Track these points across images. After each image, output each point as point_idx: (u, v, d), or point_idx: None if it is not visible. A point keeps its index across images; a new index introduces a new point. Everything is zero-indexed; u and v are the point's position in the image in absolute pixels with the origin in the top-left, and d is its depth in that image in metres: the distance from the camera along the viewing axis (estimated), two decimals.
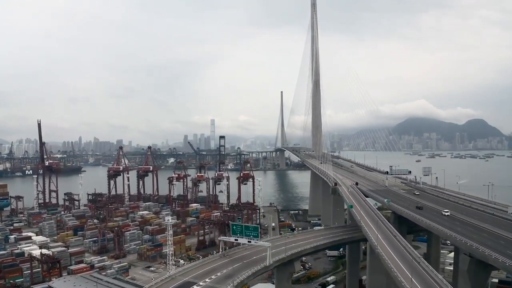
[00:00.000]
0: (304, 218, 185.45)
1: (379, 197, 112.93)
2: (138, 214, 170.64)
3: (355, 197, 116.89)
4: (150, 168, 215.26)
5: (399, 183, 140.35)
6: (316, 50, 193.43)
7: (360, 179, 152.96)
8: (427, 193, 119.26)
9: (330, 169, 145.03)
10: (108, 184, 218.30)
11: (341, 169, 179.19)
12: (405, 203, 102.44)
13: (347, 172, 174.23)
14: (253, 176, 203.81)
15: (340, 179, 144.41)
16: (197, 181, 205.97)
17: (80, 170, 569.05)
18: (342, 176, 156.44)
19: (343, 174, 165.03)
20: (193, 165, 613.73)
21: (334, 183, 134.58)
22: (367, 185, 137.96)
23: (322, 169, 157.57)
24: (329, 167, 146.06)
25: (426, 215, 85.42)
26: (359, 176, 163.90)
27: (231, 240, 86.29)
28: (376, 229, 77.42)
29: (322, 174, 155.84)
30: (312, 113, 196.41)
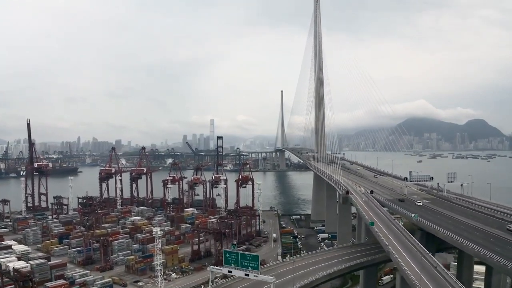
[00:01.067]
0: (306, 224, 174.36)
1: (402, 210, 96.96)
2: (129, 220, 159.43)
3: (372, 209, 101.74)
4: (143, 171, 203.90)
5: (418, 190, 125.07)
6: (319, 46, 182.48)
7: (372, 185, 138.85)
8: (454, 203, 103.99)
9: (339, 174, 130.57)
10: (99, 187, 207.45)
11: (347, 173, 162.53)
12: (435, 218, 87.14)
13: (356, 177, 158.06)
14: (252, 178, 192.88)
15: (350, 186, 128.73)
16: (193, 184, 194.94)
17: (76, 171, 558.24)
18: (350, 180, 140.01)
19: (351, 178, 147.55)
20: (192, 165, 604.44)
21: (345, 191, 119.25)
22: (383, 193, 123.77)
23: (330, 173, 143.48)
24: (337, 171, 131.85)
25: (455, 230, 73.25)
26: (370, 181, 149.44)
27: (224, 272, 70.21)
28: (410, 257, 64.40)
29: (330, 180, 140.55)
30: (315, 112, 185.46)
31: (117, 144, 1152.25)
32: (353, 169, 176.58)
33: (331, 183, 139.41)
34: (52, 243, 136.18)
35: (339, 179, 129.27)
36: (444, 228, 74.63)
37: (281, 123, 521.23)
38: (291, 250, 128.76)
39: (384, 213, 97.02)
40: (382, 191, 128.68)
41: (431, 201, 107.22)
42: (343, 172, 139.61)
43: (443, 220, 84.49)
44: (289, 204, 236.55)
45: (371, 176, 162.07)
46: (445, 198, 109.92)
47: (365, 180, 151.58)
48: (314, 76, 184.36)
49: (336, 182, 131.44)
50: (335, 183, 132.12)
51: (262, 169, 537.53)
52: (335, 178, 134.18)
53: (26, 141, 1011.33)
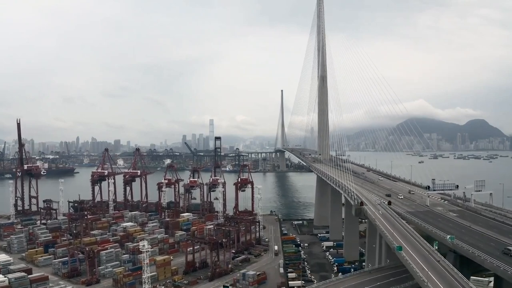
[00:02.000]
0: (309, 229, 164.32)
1: (434, 229, 78.85)
2: (121, 226, 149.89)
3: (394, 226, 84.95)
4: (137, 173, 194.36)
5: (440, 200, 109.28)
6: (322, 42, 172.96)
7: (385, 193, 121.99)
8: (487, 217, 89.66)
9: (349, 180, 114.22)
10: (92, 191, 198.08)
11: (355, 177, 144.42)
12: (469, 237, 72.96)
13: (364, 182, 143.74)
14: (252, 181, 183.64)
15: (362, 194, 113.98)
16: (189, 187, 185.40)
17: (72, 172, 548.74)
18: (359, 186, 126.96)
19: (360, 184, 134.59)
20: (190, 166, 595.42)
21: (359, 201, 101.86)
22: (401, 204, 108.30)
23: (337, 178, 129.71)
24: (347, 176, 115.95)
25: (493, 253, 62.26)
26: (383, 187, 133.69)
27: None
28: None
29: (339, 186, 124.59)
30: (318, 112, 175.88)
31: (116, 144, 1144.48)
32: (358, 172, 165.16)
33: (340, 190, 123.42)
34: (37, 252, 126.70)
35: (350, 186, 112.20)
36: (482, 251, 63.25)
37: (281, 123, 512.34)
38: (294, 261, 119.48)
39: (411, 233, 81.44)
40: (399, 200, 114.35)
41: (459, 214, 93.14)
42: (350, 177, 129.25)
43: (478, 239, 71.81)
44: (290, 208, 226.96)
45: (381, 182, 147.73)
46: (473, 210, 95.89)
47: (377, 187, 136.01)
48: (318, 74, 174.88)
49: (346, 189, 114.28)
50: (345, 191, 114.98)
51: (261, 170, 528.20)
52: (344, 185, 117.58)
53: (25, 141, 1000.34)
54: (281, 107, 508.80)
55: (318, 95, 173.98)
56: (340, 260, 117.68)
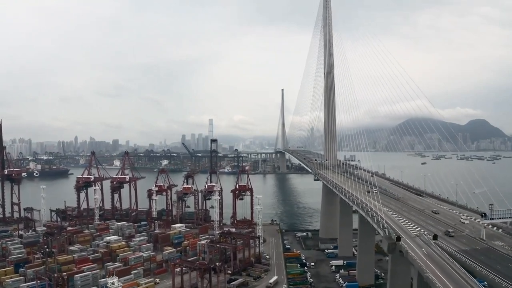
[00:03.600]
0: (315, 243, 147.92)
1: None
2: (105, 240, 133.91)
3: (452, 278, 57.13)
4: (126, 179, 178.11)
5: (494, 230, 79.79)
6: (329, 35, 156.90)
7: (417, 215, 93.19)
8: None
9: (376, 201, 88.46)
10: (77, 198, 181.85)
11: (364, 187, 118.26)
12: None
13: (384, 196, 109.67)
14: (251, 188, 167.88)
15: (390, 218, 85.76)
16: (182, 194, 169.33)
17: (67, 174, 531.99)
18: (382, 205, 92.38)
19: (382, 200, 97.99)
20: (188, 167, 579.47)
21: (395, 236, 73.28)
22: (446, 237, 76.50)
23: (356, 195, 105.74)
24: (373, 195, 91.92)
25: None
26: (405, 204, 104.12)
27: None
28: None
29: (360, 208, 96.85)
30: (324, 112, 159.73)
31: (114, 144, 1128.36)
32: (371, 181, 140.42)
33: (363, 214, 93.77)
34: (6, 273, 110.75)
35: (377, 208, 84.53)
36: None
37: (282, 124, 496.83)
38: (299, 285, 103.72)
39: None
40: (437, 227, 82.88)
41: None
42: (357, 185, 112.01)
43: None
44: (293, 216, 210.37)
45: (402, 195, 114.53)
46: None
47: (405, 206, 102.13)
48: (324, 72, 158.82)
49: (372, 213, 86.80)
50: (371, 216, 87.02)
51: (261, 171, 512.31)
52: (367, 205, 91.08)
53: (22, 141, 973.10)
54: (282, 106, 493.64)
55: (324, 94, 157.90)
56: (353, 286, 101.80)
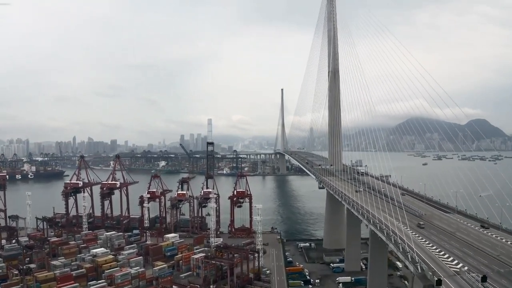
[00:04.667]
0: (319, 255, 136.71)
1: None
2: (91, 253, 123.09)
3: None
4: (116, 185, 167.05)
5: None
6: (334, 31, 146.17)
7: (443, 236, 74.94)
8: None
9: (402, 223, 73.49)
10: (65, 204, 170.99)
11: (375, 197, 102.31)
12: None
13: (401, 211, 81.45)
14: (250, 194, 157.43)
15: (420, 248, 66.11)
16: (176, 201, 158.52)
17: (62, 175, 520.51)
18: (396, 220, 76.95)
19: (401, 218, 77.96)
20: (186, 168, 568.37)
21: (435, 278, 52.22)
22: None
23: (368, 210, 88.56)
24: (388, 210, 77.45)
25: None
26: (430, 223, 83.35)
27: None
28: None
29: (385, 234, 75.13)
30: (329, 113, 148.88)
31: (113, 144, 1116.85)
32: (381, 190, 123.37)
33: (386, 240, 74.59)
34: None
35: (402, 234, 68.29)
36: None
37: (281, 124, 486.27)
38: None
39: None
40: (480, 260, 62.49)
41: None
42: (367, 195, 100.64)
43: None
44: (294, 223, 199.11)
45: (429, 215, 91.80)
46: None
47: (433, 228, 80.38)
48: (328, 70, 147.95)
49: (396, 240, 69.24)
50: (396, 245, 68.90)
51: (260, 172, 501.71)
52: (391, 229, 73.24)
53: (20, 141, 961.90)
54: (281, 106, 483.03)
55: (328, 93, 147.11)
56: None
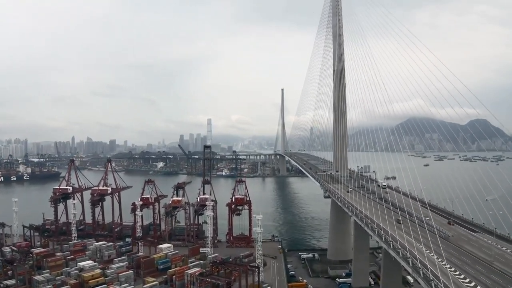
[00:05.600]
0: (323, 267, 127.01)
1: None
2: (78, 266, 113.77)
3: None
4: (107, 191, 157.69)
5: None
6: (339, 27, 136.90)
7: (479, 267, 63.11)
8: None
9: (422, 248, 63.32)
10: (54, 211, 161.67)
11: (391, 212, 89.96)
12: None
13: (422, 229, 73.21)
14: (249, 201, 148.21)
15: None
16: (171, 208, 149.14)
17: (58, 177, 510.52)
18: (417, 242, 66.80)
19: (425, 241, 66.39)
20: (185, 169, 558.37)
21: None
22: None
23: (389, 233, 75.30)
24: (405, 227, 66.88)
25: None
26: (459, 248, 69.62)
27: None
28: None
29: (410, 265, 62.56)
30: (334, 115, 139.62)
31: (112, 144, 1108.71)
32: (395, 203, 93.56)
33: (413, 273, 61.76)
34: None
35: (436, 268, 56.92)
36: None
37: (282, 124, 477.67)
38: None
39: None
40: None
41: None
42: (376, 206, 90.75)
43: None
44: (296, 229, 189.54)
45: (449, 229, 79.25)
46: None
47: (459, 251, 68.90)
48: (334, 69, 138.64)
49: (426, 274, 56.80)
50: (427, 280, 56.48)
51: (260, 174, 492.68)
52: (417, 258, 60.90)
53: (18, 141, 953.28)
54: (282, 107, 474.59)
55: (333, 94, 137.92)
56: None
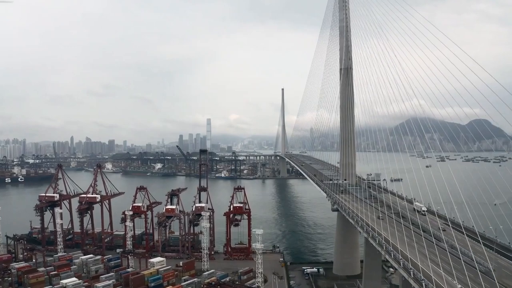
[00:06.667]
0: (329, 284, 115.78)
1: None
2: (61, 284, 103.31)
3: None
4: (96, 199, 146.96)
5: None
6: (346, 22, 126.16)
7: None
8: None
9: None
10: (40, 220, 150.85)
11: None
12: None
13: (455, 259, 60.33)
14: (248, 209, 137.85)
15: None
16: (164, 218, 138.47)
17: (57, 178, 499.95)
18: None
19: None
20: (183, 170, 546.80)
21: None
22: None
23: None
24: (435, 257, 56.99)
25: None
26: None
27: None
28: None
29: None
30: (340, 116, 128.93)
31: (111, 144, 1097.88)
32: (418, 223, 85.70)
33: None
34: None
35: None
36: None
37: (282, 125, 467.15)
38: None
39: None
40: None
41: None
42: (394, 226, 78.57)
43: None
44: (298, 239, 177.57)
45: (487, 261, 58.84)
46: None
47: None
48: (341, 67, 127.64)
49: None
50: None
51: (260, 176, 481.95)
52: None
53: (16, 142, 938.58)
54: (282, 107, 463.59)
55: (340, 94, 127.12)
56: None
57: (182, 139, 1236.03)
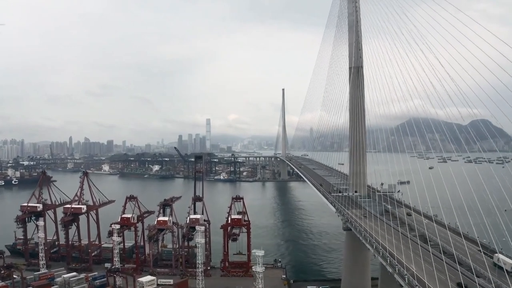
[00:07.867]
0: None
1: None
2: None
3: None
4: (81, 209, 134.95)
5: None
6: (356, 16, 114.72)
7: None
8: None
9: None
10: (23, 233, 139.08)
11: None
12: None
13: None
14: (248, 221, 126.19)
15: None
16: (156, 231, 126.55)
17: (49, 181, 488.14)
18: None
19: None
20: (181, 172, 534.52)
21: None
22: None
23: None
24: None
25: None
26: None
27: None
28: None
29: None
30: (350, 119, 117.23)
31: (109, 144, 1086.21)
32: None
33: None
34: None
35: None
36: None
37: (282, 126, 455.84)
38: None
39: None
40: None
41: None
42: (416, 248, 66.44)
43: None
44: (301, 250, 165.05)
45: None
46: None
47: None
48: (351, 66, 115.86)
49: None
50: None
51: (260, 178, 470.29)
52: None
53: (14, 142, 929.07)
54: (283, 107, 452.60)
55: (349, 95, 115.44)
56: None
57: (182, 139, 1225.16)
